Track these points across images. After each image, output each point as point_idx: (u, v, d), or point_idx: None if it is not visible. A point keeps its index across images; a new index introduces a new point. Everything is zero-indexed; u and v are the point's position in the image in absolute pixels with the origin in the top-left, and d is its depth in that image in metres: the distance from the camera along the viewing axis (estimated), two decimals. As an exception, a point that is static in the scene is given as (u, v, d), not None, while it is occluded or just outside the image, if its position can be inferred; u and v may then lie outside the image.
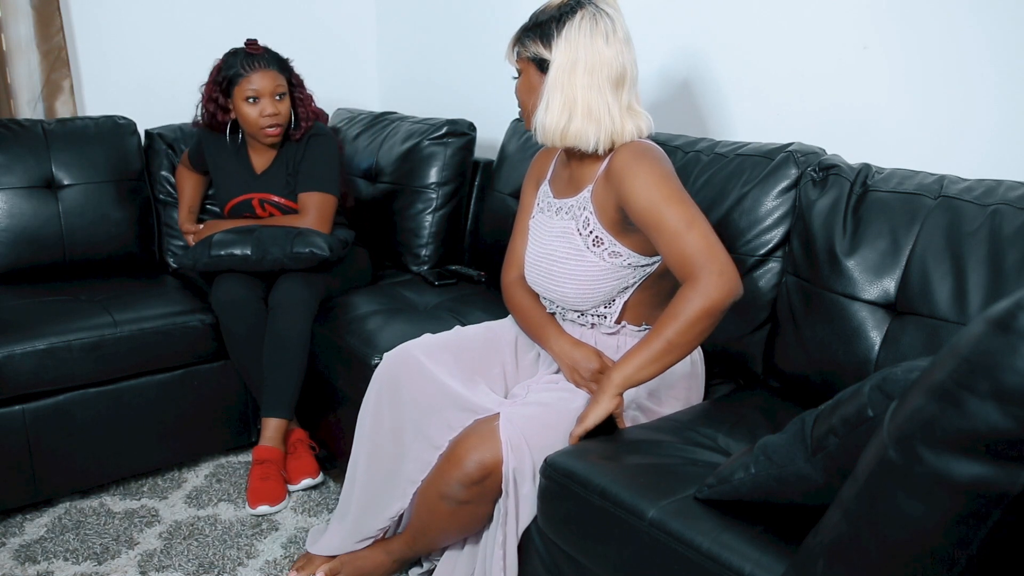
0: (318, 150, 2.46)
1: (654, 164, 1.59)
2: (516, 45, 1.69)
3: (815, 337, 1.70)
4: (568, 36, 1.59)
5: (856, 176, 1.73)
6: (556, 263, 1.72)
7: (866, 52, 1.90)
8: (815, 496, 1.14)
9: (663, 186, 1.56)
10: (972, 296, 1.49)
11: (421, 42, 3.25)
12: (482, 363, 1.80)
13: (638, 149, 1.62)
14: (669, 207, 1.55)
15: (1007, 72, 1.69)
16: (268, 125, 2.36)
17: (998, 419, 0.74)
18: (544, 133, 1.65)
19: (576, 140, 1.63)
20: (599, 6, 1.61)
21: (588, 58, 1.58)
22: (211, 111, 2.43)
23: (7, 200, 2.48)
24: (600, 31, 1.59)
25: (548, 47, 1.61)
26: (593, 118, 1.60)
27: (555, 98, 1.61)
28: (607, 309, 1.72)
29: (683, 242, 1.53)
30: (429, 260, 2.66)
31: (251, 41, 2.41)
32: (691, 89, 2.28)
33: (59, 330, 2.15)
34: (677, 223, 1.54)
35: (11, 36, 2.69)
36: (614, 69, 1.60)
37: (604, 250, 1.66)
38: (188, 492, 2.32)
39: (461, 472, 1.55)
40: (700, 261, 1.51)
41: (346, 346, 2.15)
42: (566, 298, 1.73)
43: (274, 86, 2.36)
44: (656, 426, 1.62)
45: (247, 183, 2.48)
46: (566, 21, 1.60)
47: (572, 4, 1.61)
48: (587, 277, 1.68)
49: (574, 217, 1.71)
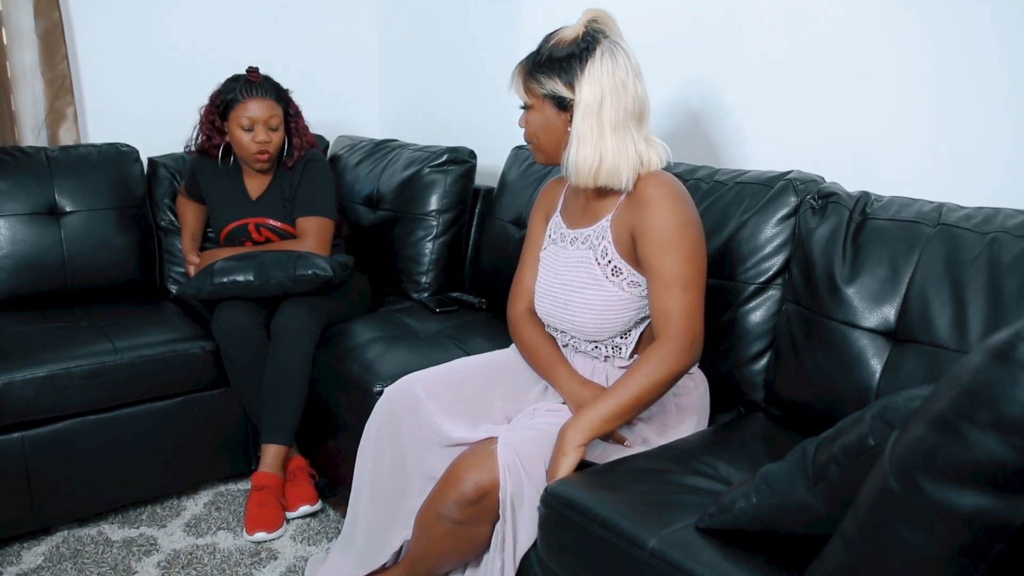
0: (314, 175, 2.49)
1: (679, 203, 1.61)
2: (527, 79, 1.66)
3: (816, 365, 1.69)
4: (591, 75, 1.58)
5: (855, 204, 1.74)
6: (573, 292, 1.71)
7: (864, 80, 1.91)
8: (817, 525, 1.13)
9: (680, 233, 1.59)
10: (972, 324, 1.49)
11: (422, 70, 3.27)
12: (483, 396, 1.79)
13: (664, 179, 1.63)
14: (676, 257, 1.58)
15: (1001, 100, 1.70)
16: (258, 151, 2.39)
17: (999, 450, 0.74)
18: (578, 175, 1.63)
19: (608, 180, 1.63)
20: (612, 39, 1.61)
21: (613, 96, 1.58)
22: (207, 134, 2.47)
23: (9, 227, 2.49)
24: (620, 66, 1.59)
25: (570, 86, 1.60)
26: (623, 155, 1.61)
27: (586, 140, 1.60)
28: (623, 340, 1.72)
29: (672, 298, 1.58)
30: (429, 287, 2.67)
31: (252, 69, 2.45)
32: (690, 118, 2.30)
33: (59, 357, 2.15)
34: (676, 277, 1.58)
35: (16, 64, 2.72)
36: (636, 104, 1.61)
37: (623, 280, 1.67)
38: (187, 520, 2.30)
39: (458, 492, 1.55)
40: (679, 326, 1.58)
41: (347, 373, 2.14)
42: (582, 329, 1.71)
43: (269, 116, 2.40)
44: (657, 454, 1.61)
45: (243, 208, 2.50)
46: (587, 59, 1.58)
47: (588, 40, 1.60)
48: (606, 307, 1.68)
49: (591, 247, 1.71)
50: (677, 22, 2.28)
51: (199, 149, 2.53)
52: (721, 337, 1.87)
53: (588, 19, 1.63)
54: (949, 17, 1.75)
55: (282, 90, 2.48)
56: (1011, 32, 1.67)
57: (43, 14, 2.71)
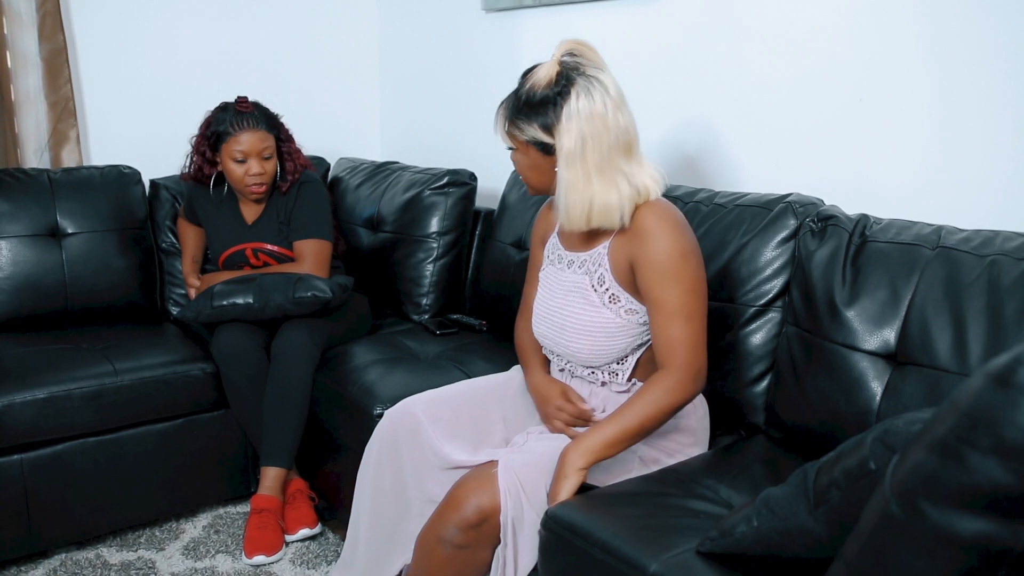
0: (309, 198, 2.50)
1: (678, 234, 1.59)
2: (508, 124, 1.62)
3: (816, 387, 1.69)
4: (568, 120, 1.53)
5: (854, 227, 1.74)
6: (569, 318, 1.70)
7: (862, 104, 1.93)
8: (818, 549, 1.13)
9: (681, 265, 1.57)
10: (972, 346, 1.49)
11: (423, 93, 3.29)
12: (483, 419, 1.79)
13: (662, 209, 1.61)
14: (678, 289, 1.57)
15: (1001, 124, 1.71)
16: (253, 183, 2.40)
17: (1000, 474, 0.74)
18: (570, 222, 1.61)
19: (601, 221, 1.59)
20: (588, 75, 1.55)
21: (594, 136, 1.53)
22: (199, 164, 2.48)
23: (11, 248, 2.49)
24: (598, 103, 1.53)
25: (549, 132, 1.56)
26: (613, 195, 1.56)
27: (573, 186, 1.56)
28: (620, 366, 1.70)
29: (676, 329, 1.57)
30: (430, 309, 2.67)
31: (241, 99, 2.45)
32: (691, 140, 2.31)
33: (59, 379, 2.15)
34: (678, 309, 1.57)
35: (20, 87, 2.74)
36: (621, 137, 1.56)
37: (620, 307, 1.65)
38: (185, 543, 2.29)
39: (459, 516, 1.54)
40: (685, 357, 1.58)
41: (347, 395, 2.14)
42: (578, 354, 1.70)
43: (262, 147, 2.40)
44: (658, 477, 1.61)
45: (239, 234, 2.51)
46: (562, 104, 1.53)
47: (563, 81, 1.54)
48: (603, 333, 1.66)
49: (588, 272, 1.69)
50: (678, 46, 2.30)
51: (192, 176, 2.54)
52: (721, 359, 1.87)
53: (563, 52, 1.58)
54: (948, 41, 1.77)
55: (272, 116, 2.48)
56: (1013, 56, 1.68)
57: (47, 38, 2.73)
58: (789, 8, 2.03)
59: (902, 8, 1.83)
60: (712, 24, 2.20)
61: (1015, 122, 1.69)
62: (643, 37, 2.37)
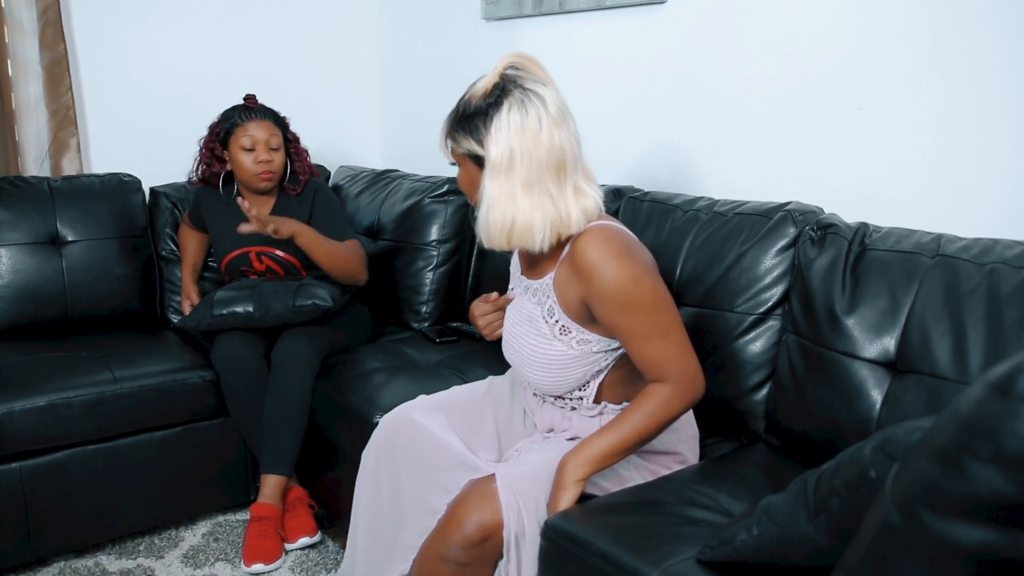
0: (327, 202, 2.54)
1: (622, 261, 1.50)
2: (448, 138, 1.58)
3: (816, 395, 1.69)
4: (497, 132, 1.47)
5: (854, 235, 1.74)
6: (525, 348, 1.66)
7: (861, 112, 1.93)
8: (818, 558, 1.12)
9: (635, 290, 1.50)
10: (972, 355, 1.49)
11: (423, 101, 3.30)
12: (476, 419, 1.79)
13: (600, 239, 1.52)
14: (642, 314, 1.51)
15: (1001, 132, 1.71)
16: (261, 172, 2.41)
17: (1000, 484, 0.74)
18: (490, 239, 1.54)
19: (521, 242, 1.53)
20: (526, 88, 1.49)
21: (522, 151, 1.47)
22: (207, 162, 2.50)
23: (11, 256, 2.49)
24: (531, 117, 1.47)
25: (480, 143, 1.50)
26: (537, 215, 1.49)
27: (496, 202, 1.50)
28: (582, 392, 1.66)
29: (655, 349, 1.52)
30: (430, 317, 2.67)
31: (250, 96, 2.50)
32: (689, 149, 2.31)
33: (59, 387, 2.15)
34: (651, 331, 1.51)
35: (20, 96, 2.74)
36: (552, 155, 1.48)
37: (572, 338, 1.60)
38: (185, 551, 2.29)
39: (461, 534, 1.53)
40: (676, 371, 1.53)
41: (347, 403, 2.14)
42: (539, 385, 1.67)
43: (269, 136, 2.43)
44: (657, 486, 1.61)
45: (245, 236, 2.50)
46: (492, 115, 1.48)
47: (497, 93, 1.50)
48: (555, 365, 1.61)
49: (539, 302, 1.64)
50: (676, 55, 2.30)
51: (201, 179, 2.55)
52: (721, 367, 1.87)
53: (504, 66, 1.54)
54: (947, 49, 1.77)
55: (280, 116, 2.53)
56: (1013, 64, 1.69)
57: (48, 46, 2.74)
58: (788, 16, 2.04)
59: (901, 16, 1.84)
60: (711, 33, 2.21)
61: (1015, 130, 1.69)
62: (642, 46, 2.38)
